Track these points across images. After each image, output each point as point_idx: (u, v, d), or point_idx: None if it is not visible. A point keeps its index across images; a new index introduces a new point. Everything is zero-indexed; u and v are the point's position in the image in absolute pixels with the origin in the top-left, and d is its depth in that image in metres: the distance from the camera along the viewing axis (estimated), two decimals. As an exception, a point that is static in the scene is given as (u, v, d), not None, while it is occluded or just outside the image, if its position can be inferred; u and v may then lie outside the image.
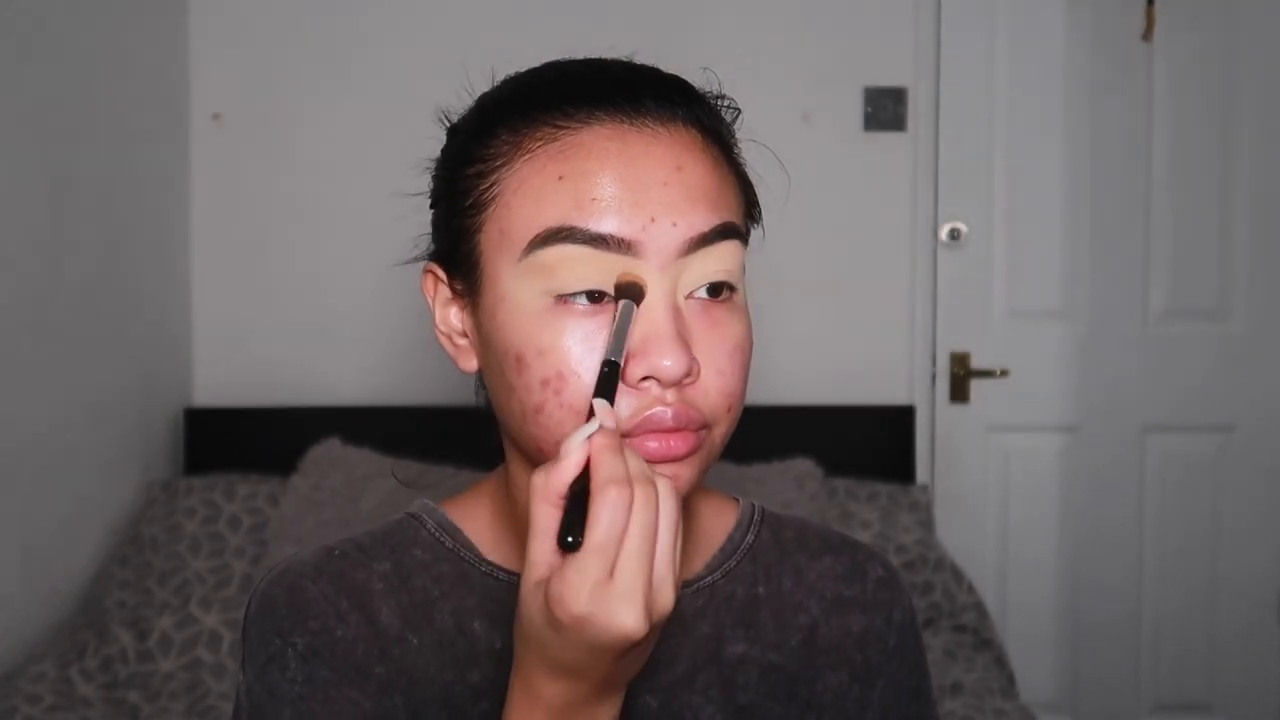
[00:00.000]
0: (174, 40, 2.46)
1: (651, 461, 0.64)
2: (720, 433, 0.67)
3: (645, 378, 0.63)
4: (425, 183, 0.75)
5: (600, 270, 0.63)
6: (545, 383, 0.64)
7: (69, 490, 2.07)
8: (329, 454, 2.25)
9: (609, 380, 0.61)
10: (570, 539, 0.55)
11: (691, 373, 0.64)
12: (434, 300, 0.73)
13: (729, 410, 0.67)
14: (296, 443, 2.27)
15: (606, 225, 0.63)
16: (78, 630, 1.95)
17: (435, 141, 0.74)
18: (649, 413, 0.64)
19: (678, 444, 0.64)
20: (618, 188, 0.64)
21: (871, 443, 2.49)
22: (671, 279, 0.65)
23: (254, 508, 2.17)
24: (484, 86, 0.73)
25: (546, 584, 0.56)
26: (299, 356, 2.52)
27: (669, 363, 0.62)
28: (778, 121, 2.47)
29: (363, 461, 2.23)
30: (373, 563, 0.74)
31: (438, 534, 0.76)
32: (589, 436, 0.58)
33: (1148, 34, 2.50)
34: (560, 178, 0.64)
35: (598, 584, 0.55)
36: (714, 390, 0.66)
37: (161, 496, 2.20)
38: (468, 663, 0.72)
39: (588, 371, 0.63)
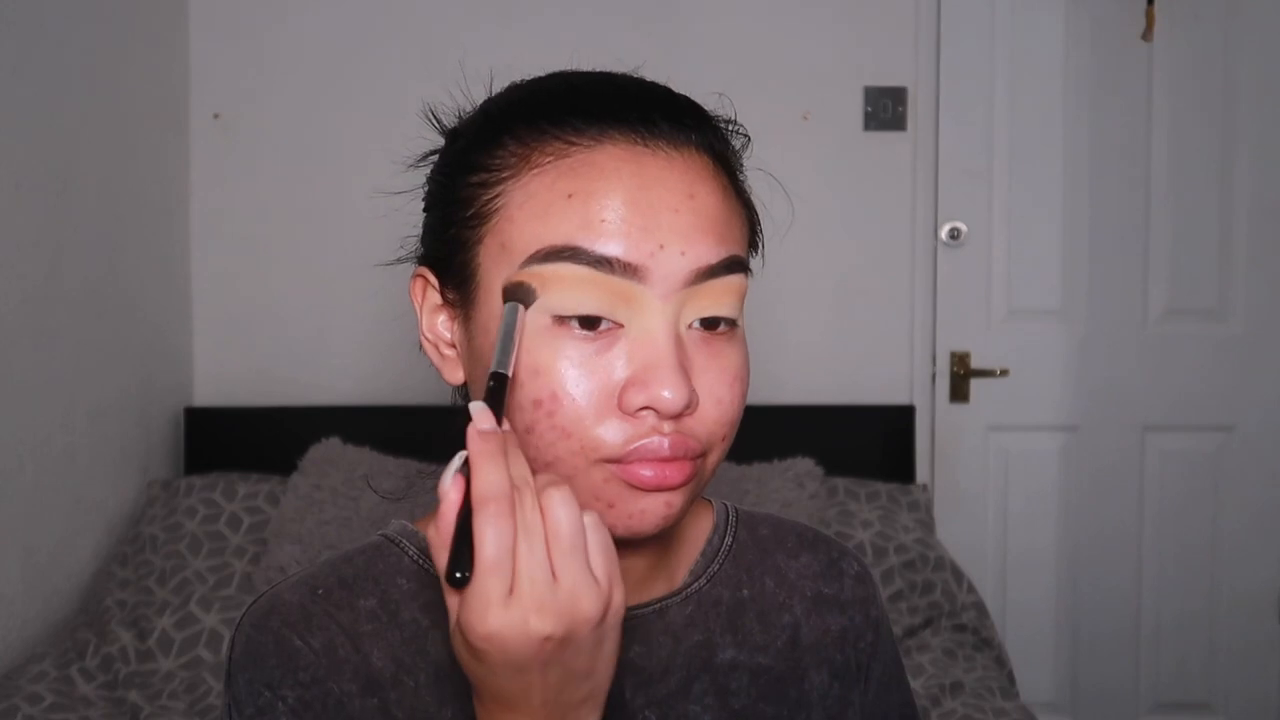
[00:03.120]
0: (174, 40, 2.46)
1: (645, 489, 0.63)
2: (713, 460, 0.67)
3: (644, 407, 0.62)
4: (410, 179, 0.73)
5: (603, 293, 0.62)
6: (538, 403, 0.63)
7: (69, 490, 2.07)
8: (329, 454, 2.25)
9: (495, 395, 0.58)
10: (458, 574, 0.53)
11: (691, 404, 0.63)
12: (421, 306, 0.71)
13: (724, 439, 0.66)
14: (296, 443, 2.27)
15: (613, 248, 0.62)
16: (78, 630, 1.95)
17: (426, 141, 0.73)
18: (643, 442, 0.62)
19: (673, 473, 0.63)
20: (628, 210, 0.62)
21: (871, 442, 2.49)
22: (675, 308, 0.63)
23: (254, 507, 2.17)
24: (478, 86, 0.72)
25: (457, 618, 0.55)
26: (299, 356, 2.52)
27: (669, 394, 0.61)
28: (778, 121, 2.49)
29: (363, 461, 2.24)
30: (358, 600, 0.71)
31: (420, 560, 0.73)
32: (458, 470, 0.55)
33: (1148, 34, 2.50)
34: (569, 196, 0.63)
35: (500, 600, 0.53)
36: (711, 420, 0.65)
37: (161, 496, 2.20)
38: (467, 695, 0.70)
39: (582, 395, 0.62)
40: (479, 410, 0.56)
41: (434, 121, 0.72)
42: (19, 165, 1.91)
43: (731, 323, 0.66)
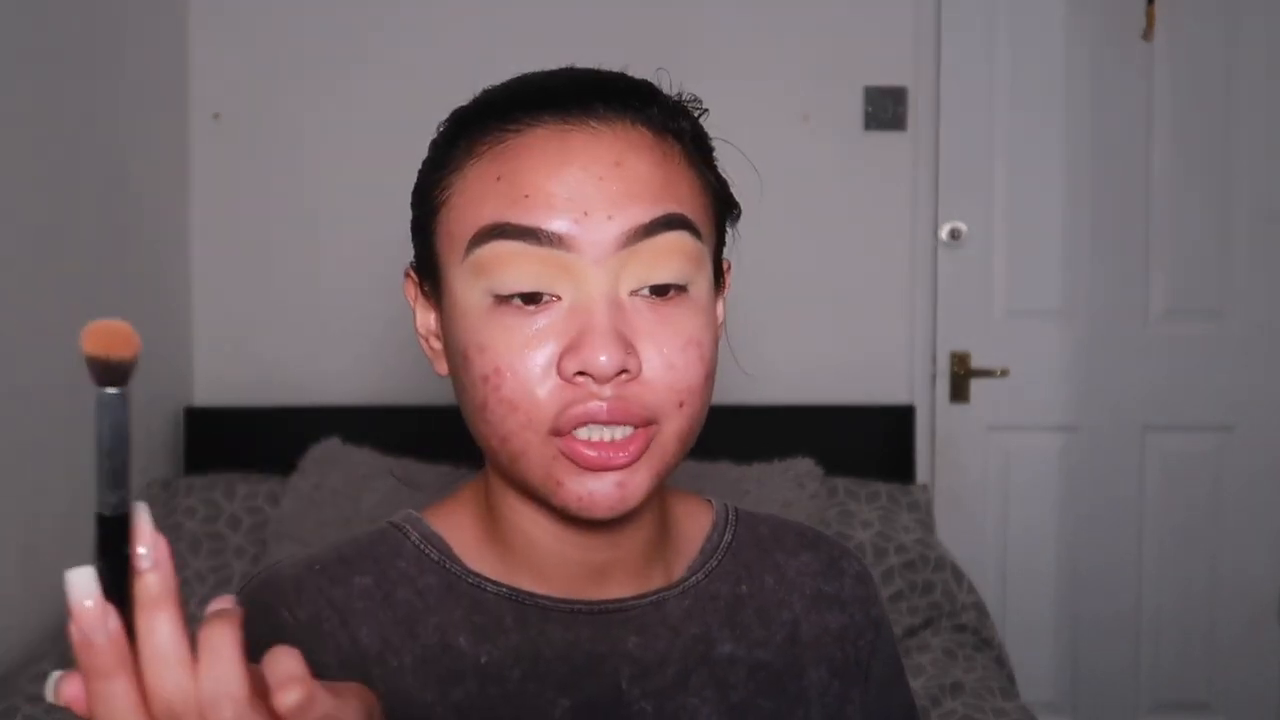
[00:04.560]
0: (174, 40, 2.46)
1: (591, 469, 0.64)
2: (673, 429, 0.66)
3: (579, 373, 0.63)
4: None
5: (537, 265, 0.63)
6: (485, 379, 0.64)
7: (69, 490, 2.07)
8: (329, 454, 2.25)
9: (110, 547, 0.43)
10: None
11: (629, 369, 0.63)
12: (414, 303, 0.74)
13: (681, 405, 0.65)
14: (296, 443, 2.27)
15: (539, 219, 0.63)
16: (78, 630, 1.95)
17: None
18: (581, 406, 0.63)
19: (616, 453, 0.63)
20: (551, 184, 0.64)
21: (871, 442, 2.49)
22: (611, 274, 0.64)
23: (254, 507, 2.17)
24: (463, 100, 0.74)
25: None
26: (299, 356, 2.52)
27: (603, 358, 0.62)
28: (778, 121, 2.49)
29: (363, 461, 2.23)
30: (354, 576, 0.72)
31: (422, 545, 0.74)
32: (57, 681, 0.43)
33: (1148, 34, 2.50)
34: (498, 178, 0.65)
35: None
36: (662, 385, 0.64)
37: (161, 496, 2.20)
38: (451, 680, 0.71)
39: (524, 368, 0.63)
40: (79, 586, 0.43)
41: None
42: (19, 165, 1.91)
43: (681, 288, 0.66)
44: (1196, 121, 2.55)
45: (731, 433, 0.69)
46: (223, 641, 0.44)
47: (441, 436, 1.92)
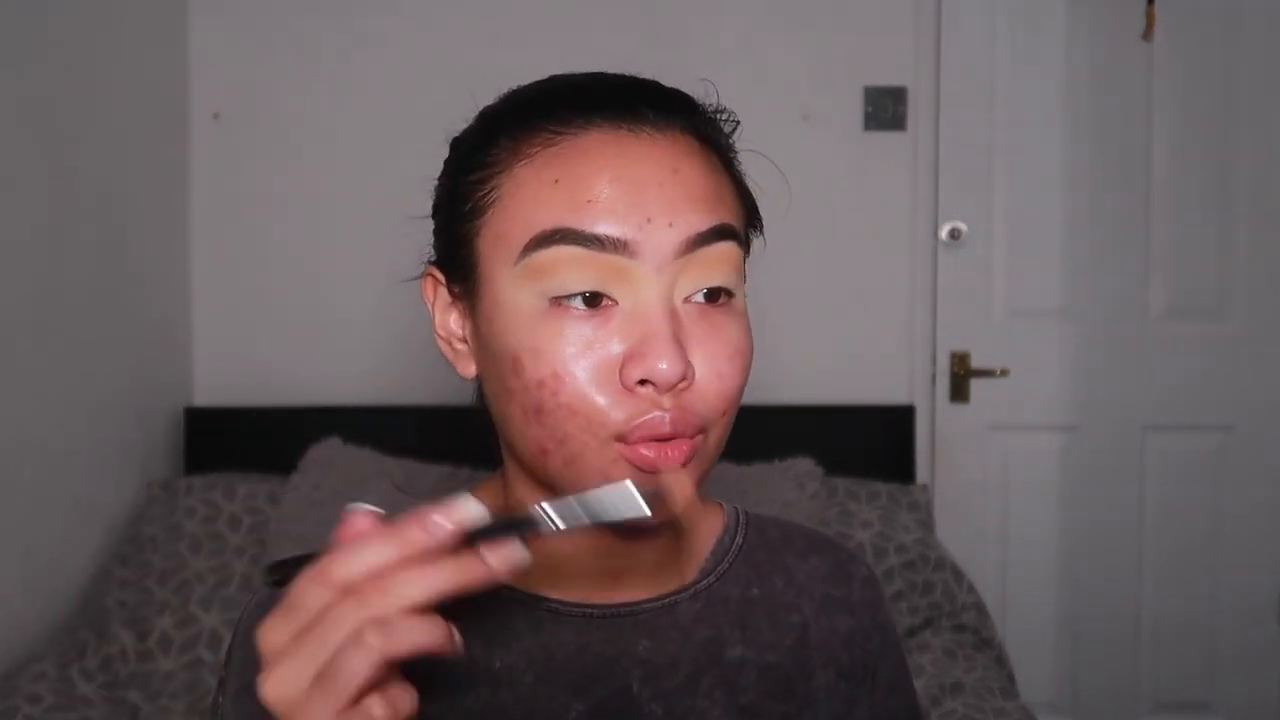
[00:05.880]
0: (174, 40, 2.46)
1: (648, 470, 0.64)
2: (715, 437, 0.67)
3: (642, 381, 0.63)
4: (416, 191, 0.75)
5: (597, 271, 0.63)
6: (541, 384, 0.64)
7: (69, 490, 2.07)
8: (329, 454, 2.25)
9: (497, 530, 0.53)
10: (274, 578, 0.54)
11: (687, 377, 0.63)
12: (433, 305, 0.73)
13: (724, 414, 0.67)
14: (296, 443, 2.27)
15: (602, 226, 0.63)
16: (78, 630, 1.95)
17: (439, 150, 0.74)
18: (646, 418, 0.63)
19: (674, 453, 0.64)
20: (613, 189, 0.63)
21: (871, 442, 2.49)
22: (668, 281, 0.64)
23: (254, 507, 2.17)
24: (488, 101, 0.73)
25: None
26: (299, 356, 2.52)
27: (665, 365, 0.62)
28: (778, 121, 2.48)
29: (363, 461, 2.24)
30: None
31: None
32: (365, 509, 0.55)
33: (1148, 34, 2.51)
34: (556, 181, 0.64)
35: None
36: (712, 394, 0.65)
37: (161, 496, 2.20)
38: (464, 687, 0.71)
39: (582, 371, 0.63)
40: (447, 527, 0.54)
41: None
42: (19, 165, 1.91)
43: (729, 294, 0.67)
44: (1196, 121, 2.55)
45: (732, 433, 0.70)
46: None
47: (441, 437, 1.92)
